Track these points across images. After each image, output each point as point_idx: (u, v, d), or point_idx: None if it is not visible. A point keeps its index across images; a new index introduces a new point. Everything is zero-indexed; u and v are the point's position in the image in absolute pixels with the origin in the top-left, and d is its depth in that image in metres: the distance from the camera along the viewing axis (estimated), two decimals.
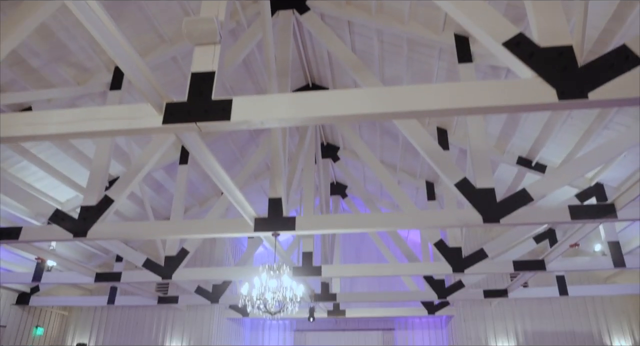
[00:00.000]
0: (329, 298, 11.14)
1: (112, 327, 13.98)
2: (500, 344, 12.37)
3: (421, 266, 8.72)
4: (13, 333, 12.63)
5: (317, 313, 13.57)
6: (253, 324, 16.78)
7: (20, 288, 12.72)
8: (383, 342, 15.71)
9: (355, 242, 16.75)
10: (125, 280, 9.53)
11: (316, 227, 6.14)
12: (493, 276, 12.54)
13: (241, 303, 5.92)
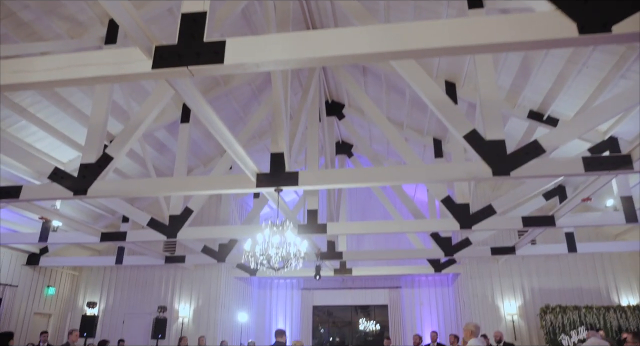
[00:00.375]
0: (335, 257, 11.12)
1: (122, 287, 14.17)
2: (507, 301, 12.40)
3: (428, 222, 8.60)
4: (25, 292, 12.84)
5: (324, 271, 13.63)
6: (261, 283, 16.98)
7: (30, 249, 12.84)
8: (389, 300, 15.86)
9: (362, 200, 16.64)
10: (130, 239, 9.53)
11: (320, 181, 5.97)
12: (500, 233, 12.44)
13: (244, 260, 5.84)
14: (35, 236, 9.89)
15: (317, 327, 16.71)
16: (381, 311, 16.36)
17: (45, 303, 13.53)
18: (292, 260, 5.73)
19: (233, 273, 14.37)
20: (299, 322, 16.17)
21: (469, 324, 5.96)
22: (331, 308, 16.79)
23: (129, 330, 13.51)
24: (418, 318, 15.59)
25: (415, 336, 10.08)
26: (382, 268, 13.97)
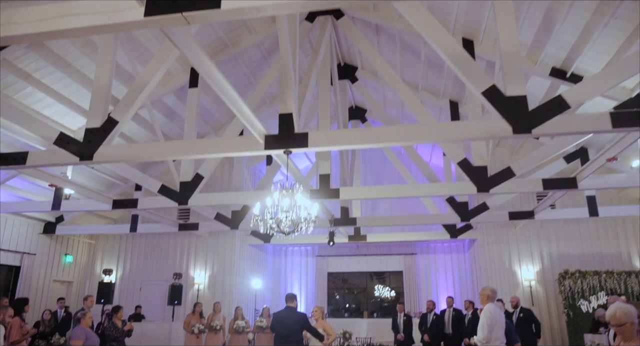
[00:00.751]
0: (349, 223, 10.98)
1: (138, 254, 14.29)
2: (524, 267, 12.20)
3: (444, 186, 8.35)
4: (43, 260, 13.03)
5: (338, 238, 13.53)
6: (275, 250, 17.02)
7: (46, 217, 12.94)
8: (404, 267, 15.78)
9: (376, 166, 16.35)
10: (142, 206, 9.47)
11: (331, 142, 5.73)
12: (519, 197, 12.13)
13: (253, 224, 5.69)
14: (48, 204, 9.90)
15: (332, 294, 16.79)
16: (396, 278, 16.33)
17: (64, 270, 13.74)
18: (303, 224, 5.55)
19: (247, 240, 14.37)
20: (314, 289, 16.24)
21: (485, 288, 5.78)
22: (346, 274, 16.81)
23: (146, 297, 13.69)
24: (433, 285, 15.52)
25: (429, 302, 9.98)
26: (397, 235, 13.82)
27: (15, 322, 6.28)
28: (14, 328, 6.27)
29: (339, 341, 9.63)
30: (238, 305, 11.17)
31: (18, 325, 6.28)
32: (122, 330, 7.59)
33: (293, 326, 6.49)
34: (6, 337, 6.31)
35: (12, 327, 6.28)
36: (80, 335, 6.73)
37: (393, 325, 10.02)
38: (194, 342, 9.61)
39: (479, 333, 5.41)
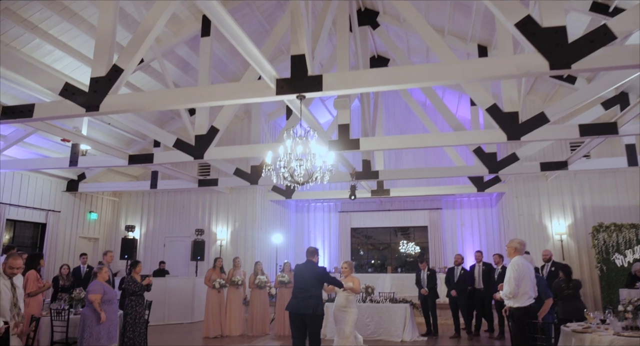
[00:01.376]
0: (371, 176, 10.60)
1: (160, 211, 14.34)
2: (555, 221, 11.70)
3: (471, 134, 7.83)
4: (68, 218, 13.18)
5: (361, 193, 13.21)
6: (298, 206, 16.88)
7: (69, 175, 12.99)
8: (429, 222, 15.46)
9: (400, 120, 15.73)
10: (158, 161, 9.28)
11: (347, 85, 5.28)
12: (551, 147, 11.46)
13: (265, 174, 5.37)
14: (66, 161, 9.81)
15: (356, 249, 16.67)
16: (421, 233, 16.06)
17: (89, 227, 13.91)
18: (318, 173, 5.20)
19: (269, 196, 14.22)
20: (337, 245, 16.14)
21: (512, 241, 5.38)
22: (369, 230, 16.61)
23: (170, 253, 13.81)
24: (459, 240, 15.20)
25: (458, 256, 9.66)
26: (422, 189, 13.41)
27: (31, 275, 6.27)
28: (30, 280, 6.27)
29: (362, 296, 9.46)
30: (260, 260, 11.08)
31: (34, 278, 6.28)
32: (140, 284, 7.53)
33: (310, 280, 6.28)
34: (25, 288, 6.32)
35: (28, 279, 6.28)
36: (98, 289, 6.68)
37: (417, 280, 9.78)
38: (215, 297, 9.59)
39: (505, 287, 5.07)
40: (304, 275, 6.21)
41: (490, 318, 9.26)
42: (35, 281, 6.29)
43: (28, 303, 6.30)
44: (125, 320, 7.37)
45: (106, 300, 6.69)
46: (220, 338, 9.40)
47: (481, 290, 9.21)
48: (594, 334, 4.81)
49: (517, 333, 4.98)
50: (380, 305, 9.10)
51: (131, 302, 7.45)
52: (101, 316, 6.50)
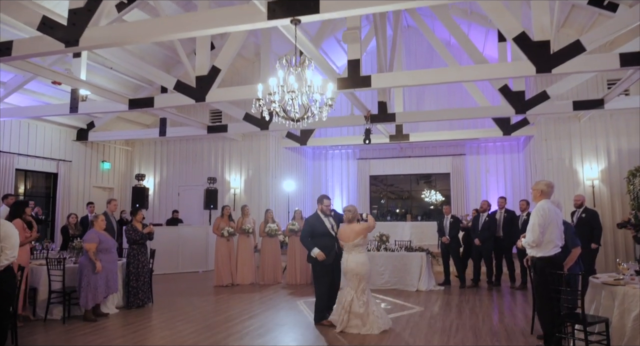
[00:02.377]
0: (387, 119, 9.89)
1: (173, 160, 14.05)
2: (587, 165, 10.86)
3: (495, 68, 7.02)
4: (80, 167, 12.99)
5: (379, 138, 12.54)
6: (315, 154, 16.36)
7: (78, 124, 12.69)
8: (452, 168, 14.75)
9: (421, 61, 14.63)
10: (158, 105, 8.77)
11: (347, 5, 4.55)
12: (585, 84, 10.40)
13: (255, 109, 4.80)
14: (66, 107, 9.41)
15: (375, 198, 16.19)
16: (443, 180, 15.40)
17: (103, 177, 13.75)
18: (314, 107, 4.59)
19: (283, 143, 13.70)
20: (356, 193, 15.68)
21: (539, 182, 4.71)
22: (389, 177, 16.03)
23: (184, 202, 13.61)
24: (483, 186, 14.51)
25: (484, 202, 9.04)
26: (443, 133, 12.64)
27: (16, 224, 5.97)
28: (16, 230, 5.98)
29: (376, 245, 9.06)
30: (269, 208, 10.71)
31: (21, 227, 5.98)
32: (141, 232, 7.24)
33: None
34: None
35: None
36: (93, 238, 6.41)
37: (439, 227, 9.26)
38: (224, 245, 9.33)
39: (528, 235, 4.48)
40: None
41: (512, 268, 8.76)
42: (22, 230, 6.00)
43: None
44: (128, 269, 7.15)
45: (102, 249, 6.44)
46: (231, 286, 9.20)
47: (501, 238, 8.64)
48: (627, 287, 4.24)
49: (538, 285, 4.44)
50: (395, 253, 8.67)
51: (133, 251, 7.20)
52: (97, 266, 6.26)
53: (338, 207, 15.68)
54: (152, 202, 14.10)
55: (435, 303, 7.15)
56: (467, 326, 5.66)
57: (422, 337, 5.19)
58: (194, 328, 5.78)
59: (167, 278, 10.49)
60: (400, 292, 8.18)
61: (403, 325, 5.79)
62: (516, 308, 6.88)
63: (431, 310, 6.63)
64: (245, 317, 6.41)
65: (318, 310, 5.82)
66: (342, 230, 5.73)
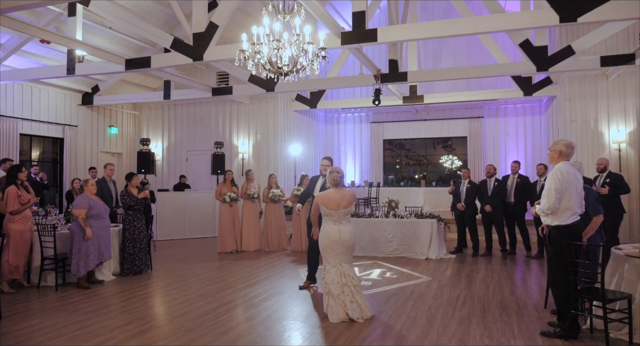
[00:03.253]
0: (398, 78, 9.31)
1: (181, 125, 13.73)
2: (613, 127, 10.14)
3: (513, 17, 6.36)
4: (87, 132, 12.77)
5: (392, 100, 11.98)
6: (327, 117, 15.84)
7: (82, 88, 12.39)
8: (469, 131, 14.12)
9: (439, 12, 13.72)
10: (155, 65, 8.37)
11: None
12: (615, 38, 9.55)
13: (237, 61, 4.34)
14: (63, 68, 9.07)
15: (389, 162, 15.70)
16: (460, 144, 14.79)
17: (111, 142, 13.53)
18: (303, 58, 4.11)
19: (292, 106, 13.21)
20: (369, 157, 15.21)
21: (557, 142, 4.17)
22: (404, 141, 15.46)
23: (192, 167, 13.36)
24: (502, 151, 13.88)
25: (489, 167, 8.50)
26: (460, 94, 11.97)
27: (10, 191, 5.75)
28: (10, 197, 5.76)
29: (385, 211, 8.67)
30: (272, 173, 10.35)
31: (15, 194, 5.76)
32: (136, 198, 6.97)
33: None
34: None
35: (8, 196, 5.78)
36: (82, 204, 6.15)
37: (454, 192, 8.76)
38: (227, 211, 9.06)
39: (543, 201, 4.00)
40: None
41: (526, 235, 8.27)
42: (15, 197, 5.77)
43: (13, 219, 5.84)
44: (124, 235, 6.93)
45: (93, 214, 6.19)
46: (236, 253, 8.98)
47: (512, 205, 8.15)
48: None
49: (553, 257, 4.00)
50: (405, 220, 8.27)
51: (128, 217, 6.96)
52: (87, 232, 6.02)
53: (350, 174, 15.29)
54: (160, 167, 13.90)
55: (444, 273, 6.78)
56: (476, 298, 5.28)
57: (425, 310, 4.84)
58: (187, 297, 5.54)
59: (173, 244, 10.35)
60: (409, 260, 7.82)
61: (407, 296, 5.44)
62: (530, 278, 6.48)
63: (439, 280, 6.27)
64: (242, 285, 6.15)
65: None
66: (327, 195, 4.80)
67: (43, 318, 4.71)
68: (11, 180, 5.91)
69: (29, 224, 6.02)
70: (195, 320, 4.61)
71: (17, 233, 5.85)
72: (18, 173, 5.93)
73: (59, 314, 4.87)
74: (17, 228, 5.85)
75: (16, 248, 5.81)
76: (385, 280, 6.35)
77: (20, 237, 5.83)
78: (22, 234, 5.85)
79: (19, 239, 5.82)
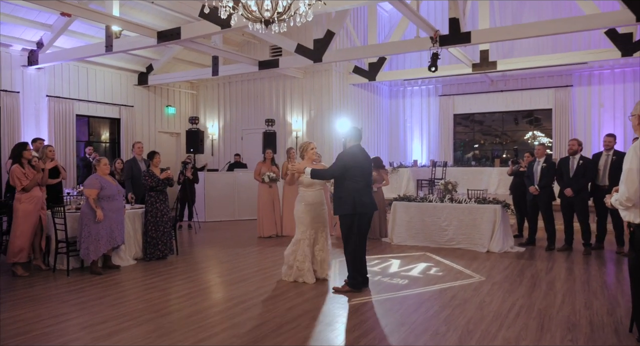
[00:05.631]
0: (461, 40, 7.95)
1: (236, 103, 13.30)
2: None
3: None
4: (144, 112, 12.70)
5: (459, 68, 10.58)
6: (392, 91, 14.60)
7: (137, 67, 12.27)
8: (555, 103, 12.23)
9: None
10: (186, 36, 7.80)
11: None
12: None
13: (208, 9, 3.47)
14: (102, 46, 8.80)
15: (460, 140, 14.18)
16: (544, 118, 12.94)
17: (169, 122, 13.41)
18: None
19: (349, 79, 12.20)
20: (437, 134, 13.84)
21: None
22: (477, 116, 13.85)
23: (247, 146, 12.89)
24: (594, 125, 11.88)
25: (573, 142, 6.94)
26: (541, 58, 10.25)
27: (14, 170, 5.44)
28: (14, 176, 5.45)
29: (441, 194, 7.50)
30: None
31: (19, 173, 5.44)
32: (157, 178, 6.45)
33: (369, 167, 4.90)
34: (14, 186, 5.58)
35: (12, 176, 5.48)
36: (94, 184, 5.70)
37: (527, 172, 7.35)
38: (266, 192, 8.37)
39: (621, 187, 2.76)
40: (368, 165, 4.84)
41: (619, 227, 6.63)
42: (21, 176, 5.46)
43: (20, 199, 5.54)
44: (146, 218, 6.47)
45: (104, 196, 5.72)
46: (275, 238, 8.31)
47: (605, 189, 6.52)
48: None
49: (634, 268, 2.77)
50: (463, 205, 7.05)
51: (150, 198, 6.47)
52: (97, 214, 5.58)
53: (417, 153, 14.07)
54: (217, 146, 13.60)
55: (502, 271, 5.55)
56: (535, 310, 4.08)
57: (462, 324, 3.76)
58: (191, 290, 4.90)
59: (220, 226, 9.94)
60: (465, 253, 6.64)
61: (445, 301, 4.37)
62: (617, 285, 5.02)
63: (493, 282, 5.08)
64: (260, 277, 5.41)
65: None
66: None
67: (26, 309, 4.29)
68: (15, 160, 5.60)
69: (38, 205, 5.68)
70: (177, 321, 3.92)
71: (23, 214, 5.55)
72: (23, 151, 5.60)
73: (47, 304, 4.43)
74: (24, 209, 5.53)
75: (21, 229, 5.50)
76: (425, 278, 5.28)
77: (26, 217, 5.52)
78: (28, 215, 5.53)
79: (23, 220, 5.51)
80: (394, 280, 5.21)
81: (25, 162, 5.63)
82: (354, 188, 4.62)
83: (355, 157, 4.69)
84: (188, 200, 9.56)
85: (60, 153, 10.30)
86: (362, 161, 4.71)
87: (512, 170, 7.95)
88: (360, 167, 4.68)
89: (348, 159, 4.65)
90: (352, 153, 4.72)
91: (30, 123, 10.12)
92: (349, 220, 4.68)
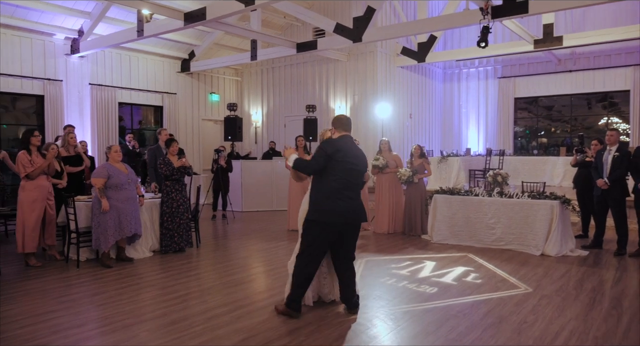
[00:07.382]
0: (516, 10, 6.92)
1: (279, 89, 12.86)
2: None
3: None
4: (187, 99, 12.53)
5: (519, 45, 9.45)
6: (446, 74, 13.54)
7: (179, 54, 12.10)
8: (633, 84, 10.73)
9: None
10: (211, 16, 7.35)
11: None
12: None
13: None
14: (134, 31, 8.57)
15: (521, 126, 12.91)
16: (621, 101, 11.44)
17: (212, 109, 13.19)
18: None
19: (397, 62, 11.35)
20: (496, 120, 12.67)
21: None
22: (541, 99, 12.51)
23: (291, 134, 12.40)
24: None
25: (612, 133, 5.81)
26: (616, 31, 8.91)
27: (20, 156, 5.23)
28: (19, 163, 5.24)
29: (489, 186, 6.60)
30: (385, 138, 8.70)
31: (25, 160, 5.23)
32: (173, 166, 6.07)
33: (363, 170, 3.88)
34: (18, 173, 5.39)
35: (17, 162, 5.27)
36: (101, 173, 5.39)
37: (595, 164, 6.30)
38: (297, 183, 7.78)
39: None
40: (359, 162, 3.79)
41: None
42: (27, 163, 5.24)
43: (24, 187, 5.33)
44: (162, 208, 6.12)
45: (112, 185, 5.40)
46: None
47: None
48: None
49: None
50: (513, 200, 6.13)
51: (166, 188, 6.12)
52: (102, 204, 5.26)
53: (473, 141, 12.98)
54: (260, 134, 13.24)
55: (556, 282, 4.64)
56: (590, 339, 3.21)
57: None
58: (191, 290, 4.44)
59: (255, 216, 9.55)
60: (515, 256, 5.75)
61: (475, 320, 3.59)
62: None
63: (542, 295, 4.21)
64: (269, 279, 4.88)
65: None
66: None
67: (14, 305, 4.03)
68: (22, 146, 5.39)
69: (43, 194, 5.44)
70: (155, 330, 3.46)
71: (26, 203, 5.33)
72: (30, 138, 5.37)
73: (37, 300, 4.15)
74: (27, 198, 5.32)
75: (26, 218, 5.30)
76: (459, 286, 4.50)
77: (29, 207, 5.30)
78: (31, 204, 5.31)
79: (28, 208, 5.30)
80: (421, 287, 4.49)
81: (33, 149, 5.41)
82: (331, 188, 3.59)
83: (340, 148, 3.63)
84: (222, 189, 9.21)
85: (102, 141, 10.32)
86: (349, 156, 3.66)
87: (576, 160, 6.89)
88: (345, 162, 3.62)
89: (331, 150, 3.60)
90: (337, 144, 3.67)
91: (74, 112, 10.17)
92: (315, 230, 3.64)
